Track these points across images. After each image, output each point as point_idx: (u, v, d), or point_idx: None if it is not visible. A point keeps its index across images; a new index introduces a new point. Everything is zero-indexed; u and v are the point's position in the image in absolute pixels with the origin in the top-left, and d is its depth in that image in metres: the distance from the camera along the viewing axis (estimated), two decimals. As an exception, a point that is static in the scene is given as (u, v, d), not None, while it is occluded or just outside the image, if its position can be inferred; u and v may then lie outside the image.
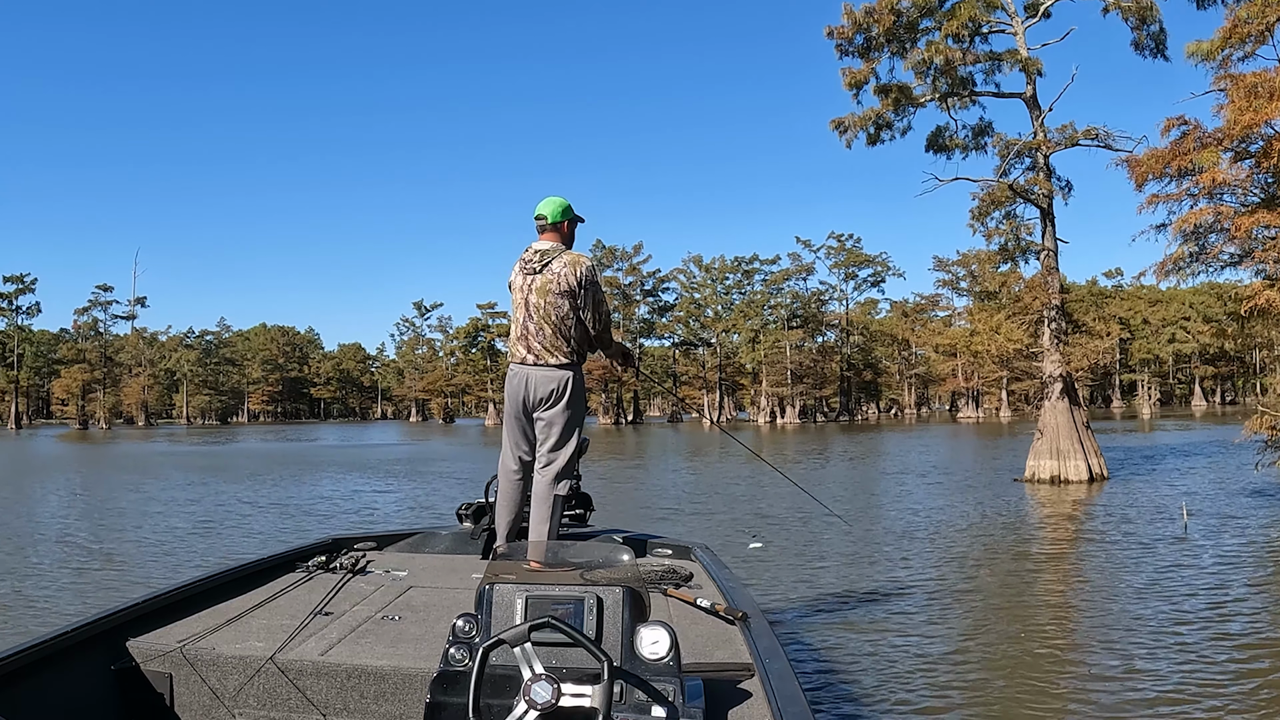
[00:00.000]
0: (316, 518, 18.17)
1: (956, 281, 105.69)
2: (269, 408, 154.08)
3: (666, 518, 17.37)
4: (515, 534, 5.47)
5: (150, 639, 3.76)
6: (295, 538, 13.85)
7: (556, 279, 5.25)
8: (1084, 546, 13.86)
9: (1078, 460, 23.31)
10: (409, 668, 3.46)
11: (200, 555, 13.36)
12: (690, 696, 2.79)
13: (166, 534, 15.83)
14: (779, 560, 12.54)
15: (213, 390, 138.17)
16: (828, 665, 7.57)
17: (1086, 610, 9.72)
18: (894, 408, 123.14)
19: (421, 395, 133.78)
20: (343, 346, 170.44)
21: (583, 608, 2.87)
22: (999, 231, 25.11)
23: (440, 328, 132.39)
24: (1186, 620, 8.91)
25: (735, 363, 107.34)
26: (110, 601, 5.35)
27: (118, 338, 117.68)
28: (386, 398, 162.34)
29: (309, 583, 4.78)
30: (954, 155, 27.05)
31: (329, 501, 21.44)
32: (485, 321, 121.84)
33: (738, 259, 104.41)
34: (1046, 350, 24.48)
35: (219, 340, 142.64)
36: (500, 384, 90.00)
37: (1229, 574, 11.25)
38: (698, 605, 4.17)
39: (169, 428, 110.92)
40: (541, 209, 5.41)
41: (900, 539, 14.50)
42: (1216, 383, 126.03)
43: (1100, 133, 23.46)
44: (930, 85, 25.61)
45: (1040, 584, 11.31)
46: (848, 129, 26.96)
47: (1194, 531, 14.65)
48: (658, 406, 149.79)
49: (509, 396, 5.43)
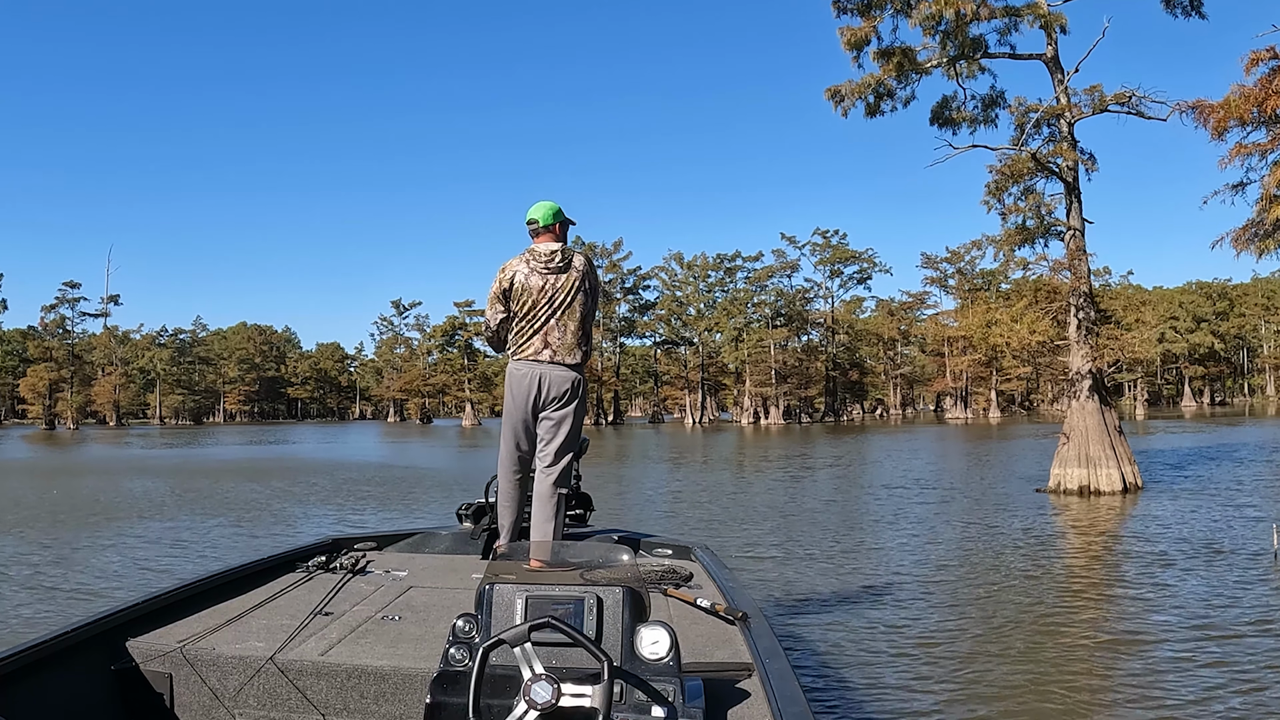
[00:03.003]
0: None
1: (945, 279, 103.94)
2: (245, 408, 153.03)
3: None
4: (517, 533, 5.40)
5: (150, 639, 3.74)
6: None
7: (581, 277, 5.30)
8: (1145, 572, 11.08)
9: (1110, 468, 20.47)
10: (409, 668, 3.45)
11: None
12: (690, 696, 2.78)
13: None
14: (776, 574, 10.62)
15: (187, 390, 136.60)
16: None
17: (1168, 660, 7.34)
18: (879, 408, 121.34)
19: (399, 395, 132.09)
20: (321, 346, 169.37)
21: (583, 608, 2.87)
22: (1017, 209, 22.15)
23: (418, 326, 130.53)
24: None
25: (718, 362, 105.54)
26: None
27: (93, 336, 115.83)
28: (365, 398, 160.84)
29: (309, 583, 4.75)
30: (961, 130, 24.31)
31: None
32: (463, 320, 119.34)
33: (720, 256, 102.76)
34: (1074, 343, 21.59)
35: (193, 339, 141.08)
36: (479, 384, 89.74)
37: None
38: (698, 605, 4.12)
39: (142, 428, 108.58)
40: (533, 213, 5.36)
41: (913, 573, 11.74)
42: (1205, 383, 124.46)
43: (1134, 97, 20.68)
44: (938, 46, 22.83)
45: (1093, 625, 8.67)
46: (844, 98, 24.15)
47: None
48: (639, 407, 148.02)
49: (515, 394, 5.34)
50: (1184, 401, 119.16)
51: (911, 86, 24.11)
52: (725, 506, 19.55)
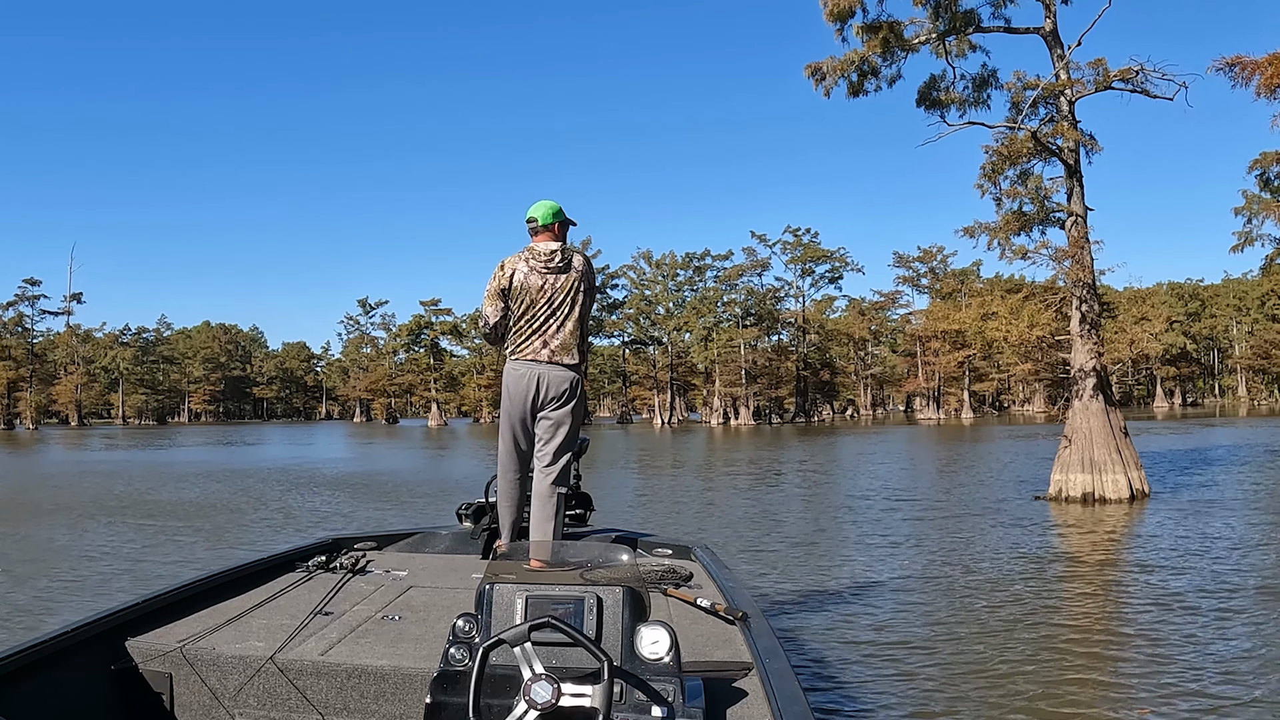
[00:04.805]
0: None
1: (917, 278, 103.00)
2: (211, 408, 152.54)
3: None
4: (517, 533, 5.37)
5: (150, 639, 3.73)
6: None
7: (581, 277, 5.30)
8: (1175, 592, 9.45)
9: (1116, 474, 18.81)
10: (409, 668, 3.44)
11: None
12: (690, 696, 2.78)
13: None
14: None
15: (150, 390, 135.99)
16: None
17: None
18: (849, 409, 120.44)
19: (365, 395, 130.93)
20: (287, 345, 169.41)
21: (583, 608, 2.87)
22: (1015, 193, 20.42)
23: (384, 325, 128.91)
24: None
25: (687, 362, 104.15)
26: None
27: (56, 335, 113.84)
28: (331, 398, 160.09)
29: (309, 583, 4.71)
30: (950, 112, 22.70)
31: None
32: (429, 319, 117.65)
33: (689, 255, 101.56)
34: (1077, 338, 19.96)
35: (157, 338, 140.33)
36: (445, 384, 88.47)
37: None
38: (698, 605, 4.09)
39: (105, 428, 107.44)
40: (533, 212, 5.31)
41: (914, 586, 10.10)
42: (1176, 384, 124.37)
43: (1140, 73, 19.09)
44: (928, 19, 21.23)
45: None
46: (826, 76, 22.43)
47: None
48: (607, 407, 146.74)
49: (514, 394, 5.31)
50: (1156, 402, 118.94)
51: (897, 65, 22.47)
52: (700, 520, 17.89)
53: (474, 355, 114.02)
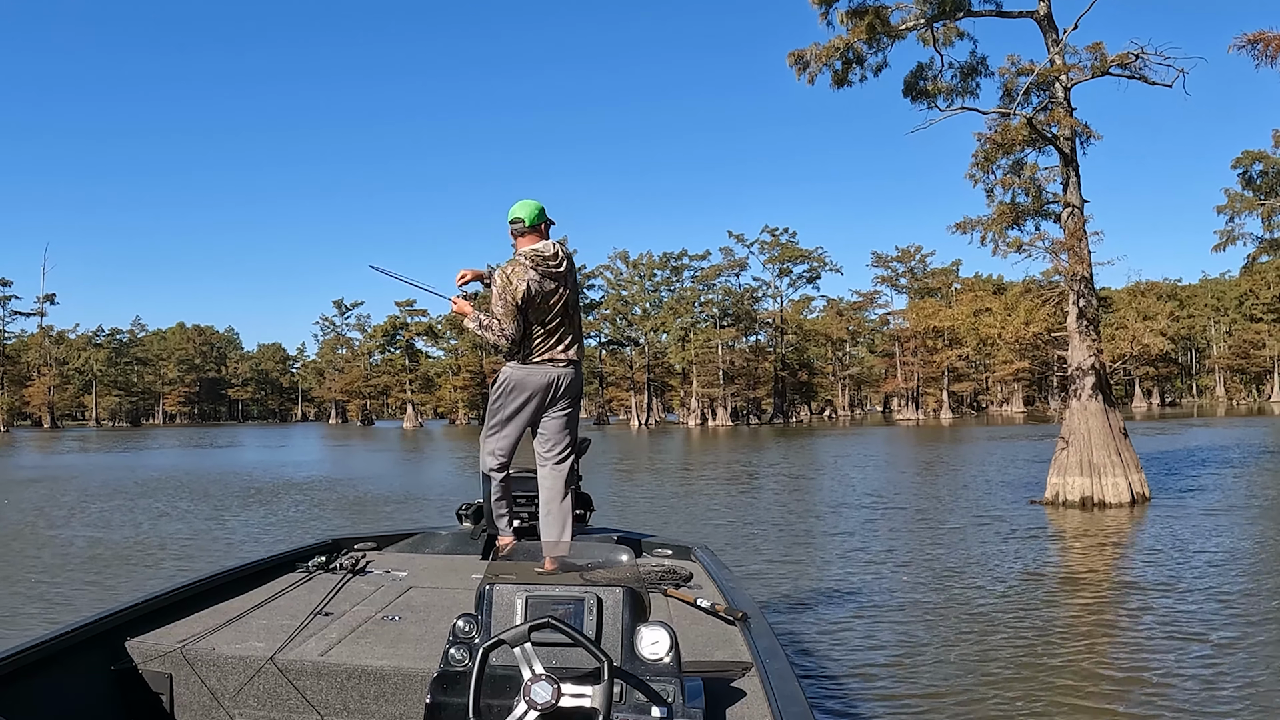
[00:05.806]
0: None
1: (896, 278, 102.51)
2: (185, 409, 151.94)
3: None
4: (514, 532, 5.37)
5: (149, 639, 3.72)
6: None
7: (573, 272, 5.28)
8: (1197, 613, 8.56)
9: (1115, 477, 17.93)
10: (409, 668, 3.42)
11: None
12: (690, 696, 2.76)
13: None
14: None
15: (124, 391, 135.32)
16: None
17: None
18: (827, 409, 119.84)
19: (340, 396, 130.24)
20: (262, 346, 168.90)
21: (583, 608, 2.86)
22: (1008, 183, 19.46)
23: (359, 326, 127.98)
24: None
25: (664, 363, 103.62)
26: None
27: (28, 336, 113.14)
28: (307, 399, 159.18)
29: (309, 583, 4.69)
30: (937, 102, 21.81)
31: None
32: (404, 320, 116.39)
33: (667, 255, 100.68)
34: (1074, 335, 19.05)
35: (131, 339, 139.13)
36: (420, 385, 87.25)
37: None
38: (698, 605, 4.07)
39: (79, 430, 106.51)
40: (519, 212, 5.22)
41: (915, 596, 9.19)
42: (1154, 383, 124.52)
43: (1139, 57, 18.22)
44: (916, 4, 20.32)
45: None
46: (810, 63, 21.58)
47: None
48: (583, 408, 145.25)
49: (526, 395, 5.21)
50: (1134, 402, 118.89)
51: (883, 52, 21.62)
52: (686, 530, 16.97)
53: (449, 356, 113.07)
